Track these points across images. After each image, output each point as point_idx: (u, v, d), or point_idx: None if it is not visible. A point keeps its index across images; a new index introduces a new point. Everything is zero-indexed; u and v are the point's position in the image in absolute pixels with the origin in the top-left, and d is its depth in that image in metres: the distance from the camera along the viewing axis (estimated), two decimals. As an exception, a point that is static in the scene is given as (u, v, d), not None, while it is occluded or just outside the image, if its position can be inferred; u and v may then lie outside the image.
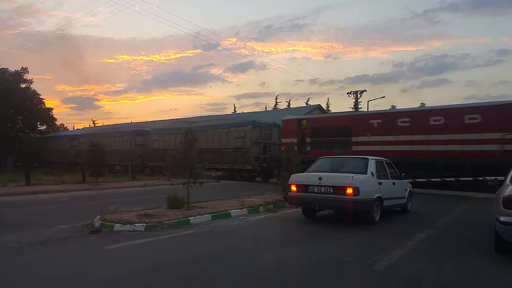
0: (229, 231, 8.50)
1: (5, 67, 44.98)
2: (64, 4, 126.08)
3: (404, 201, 10.98)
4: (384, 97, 38.36)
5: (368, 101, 38.66)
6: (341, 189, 8.65)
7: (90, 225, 8.70)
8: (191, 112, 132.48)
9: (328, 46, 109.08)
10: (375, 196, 9.07)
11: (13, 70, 44.84)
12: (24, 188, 18.36)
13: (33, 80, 46.34)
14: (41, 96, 47.48)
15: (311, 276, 5.28)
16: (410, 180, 12.28)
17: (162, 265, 5.75)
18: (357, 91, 40.34)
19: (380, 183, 9.44)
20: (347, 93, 41.34)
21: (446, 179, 16.04)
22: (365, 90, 40.70)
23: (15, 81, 44.58)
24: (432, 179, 16.24)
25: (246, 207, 11.10)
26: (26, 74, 45.59)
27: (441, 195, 16.72)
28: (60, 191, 17.52)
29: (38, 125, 49.15)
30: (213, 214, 9.86)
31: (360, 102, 40.23)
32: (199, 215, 9.64)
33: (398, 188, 10.58)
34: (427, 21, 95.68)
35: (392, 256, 6.21)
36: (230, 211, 10.39)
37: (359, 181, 8.72)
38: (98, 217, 9.20)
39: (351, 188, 8.52)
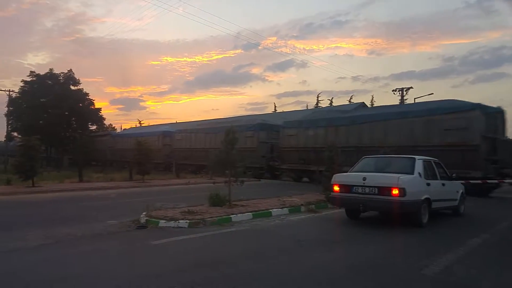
0: (270, 230, 8.48)
1: (62, 72, 47.65)
2: (114, 10, 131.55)
3: (455, 203, 10.47)
4: (433, 93, 36.75)
5: (415, 99, 37.32)
6: (387, 190, 8.39)
7: (137, 221, 8.99)
8: (232, 112, 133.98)
9: (372, 42, 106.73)
10: (422, 198, 8.72)
11: (67, 74, 47.40)
12: (78, 184, 19.31)
13: (80, 80, 48.69)
14: (91, 98, 49.86)
15: (354, 278, 5.15)
16: (462, 181, 11.68)
17: (205, 261, 5.82)
18: (402, 88, 38.98)
19: (428, 184, 9.06)
20: (392, 90, 40.00)
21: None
22: (411, 87, 39.25)
23: (68, 84, 47.07)
24: (488, 181, 15.10)
25: (287, 207, 11.03)
26: (73, 74, 48.00)
27: (498, 198, 15.84)
28: (109, 188, 18.27)
29: (89, 125, 51.57)
30: (254, 213, 9.88)
31: (406, 99, 38.84)
32: (240, 213, 9.70)
33: (449, 190, 10.12)
34: (481, 11, 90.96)
35: (442, 261, 5.90)
36: (271, 210, 10.37)
37: (406, 182, 8.41)
38: (144, 213, 9.48)
39: (397, 189, 8.24)
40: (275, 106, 72.97)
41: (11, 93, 45.28)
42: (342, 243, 7.55)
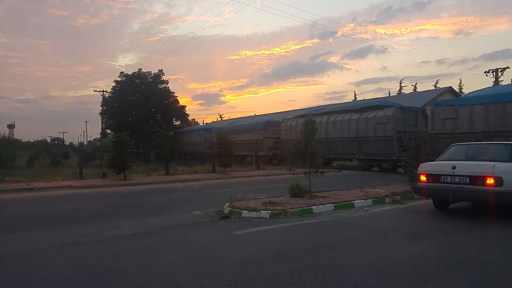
0: (353, 221, 8.32)
1: (149, 71, 50.83)
2: (194, 8, 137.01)
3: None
4: (533, 73, 32.86)
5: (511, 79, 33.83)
6: (480, 179, 7.78)
7: (220, 211, 9.35)
8: (310, 102, 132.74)
9: (461, 21, 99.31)
10: (522, 188, 7.95)
11: (157, 74, 50.42)
12: (164, 177, 20.57)
13: (168, 80, 51.66)
14: (175, 95, 52.52)
15: (445, 272, 4.86)
16: None
17: (287, 252, 5.89)
18: (497, 69, 35.45)
19: (528, 173, 8.24)
20: (485, 72, 36.45)
21: None
22: (507, 67, 35.49)
23: (154, 83, 50.06)
24: None
25: (370, 198, 10.72)
26: (163, 76, 50.91)
27: None
28: (193, 180, 19.22)
29: (174, 121, 54.43)
30: (335, 204, 9.76)
31: (501, 81, 35.34)
32: (321, 204, 9.63)
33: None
34: None
35: (545, 256, 5.39)
36: (353, 202, 10.15)
37: (503, 170, 7.71)
38: (227, 204, 9.83)
39: (492, 178, 7.60)
40: (355, 94, 71.04)
41: (104, 93, 49.25)
42: (430, 236, 7.17)
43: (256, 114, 60.55)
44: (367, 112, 24.01)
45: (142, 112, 47.78)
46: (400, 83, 65.51)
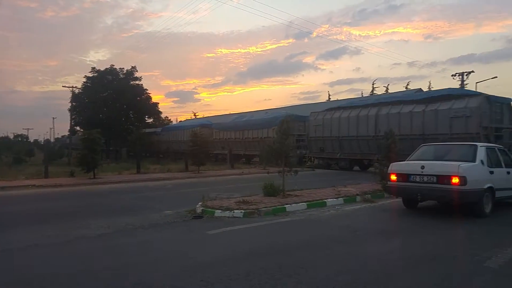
0: (325, 220, 8.43)
1: (121, 67, 49.84)
2: (170, 5, 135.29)
3: (522, 192, 9.83)
4: (496, 77, 34.36)
5: (476, 83, 35.21)
6: (446, 178, 8.05)
7: (193, 211, 9.27)
8: (285, 102, 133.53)
9: (431, 26, 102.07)
10: (485, 186, 8.28)
11: (130, 70, 49.46)
12: (136, 176, 20.19)
13: (142, 77, 50.75)
14: (148, 92, 51.71)
15: (413, 269, 5.02)
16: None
17: (260, 251, 5.92)
18: (463, 73, 36.89)
19: (491, 172, 8.59)
20: (452, 75, 37.93)
21: None
22: (472, 71, 37.08)
23: (127, 79, 49.14)
24: None
25: (342, 197, 10.90)
26: (136, 72, 50.04)
27: None
28: (165, 179, 18.95)
29: (146, 119, 53.60)
30: (308, 203, 9.86)
31: (466, 84, 36.71)
32: (294, 203, 9.72)
33: (515, 178, 9.50)
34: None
35: (507, 253, 5.62)
36: (325, 200, 10.29)
37: (467, 170, 8.03)
38: (200, 203, 9.75)
39: (457, 177, 7.89)
40: (329, 95, 71.76)
41: (74, 89, 47.96)
42: (399, 234, 7.36)
43: (231, 113, 60.23)
44: (435, 103, 19.26)
45: (113, 109, 46.80)
46: (373, 84, 66.53)
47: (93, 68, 49.32)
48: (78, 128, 50.19)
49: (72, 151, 41.04)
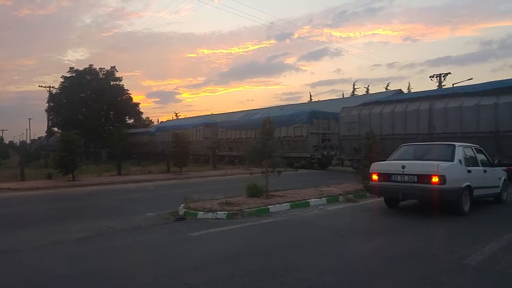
0: (309, 220, 8.47)
1: (101, 67, 49.09)
2: (151, 4, 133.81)
3: (498, 190, 10.09)
4: (472, 79, 35.11)
5: (453, 84, 35.94)
6: (426, 178, 8.19)
7: (175, 213, 9.17)
8: (267, 103, 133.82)
9: (410, 28, 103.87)
10: (463, 185, 8.46)
11: (109, 71, 48.72)
12: (116, 177, 19.89)
13: (122, 77, 50.11)
14: (129, 92, 51.11)
15: (395, 268, 5.09)
16: (504, 168, 11.21)
17: (244, 253, 5.90)
18: (440, 74, 37.72)
19: (469, 171, 8.78)
20: (430, 77, 38.67)
21: None
22: (449, 73, 38.12)
23: (107, 80, 48.42)
24: None
25: (325, 197, 10.96)
26: (116, 72, 49.39)
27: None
28: (147, 180, 18.72)
29: (127, 119, 52.92)
30: (292, 203, 9.88)
31: (444, 85, 37.46)
32: (278, 204, 9.72)
33: (490, 176, 9.74)
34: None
35: (485, 250, 5.73)
36: (309, 200, 10.34)
37: (446, 169, 8.19)
38: (182, 205, 9.67)
39: (437, 177, 8.04)
40: (310, 96, 72.32)
41: (51, 89, 46.98)
42: (381, 233, 7.43)
43: (213, 113, 59.98)
44: (508, 95, 16.32)
45: (93, 110, 46.12)
46: (354, 85, 67.41)
47: (71, 68, 48.69)
48: (56, 129, 49.20)
49: (49, 153, 40.15)
